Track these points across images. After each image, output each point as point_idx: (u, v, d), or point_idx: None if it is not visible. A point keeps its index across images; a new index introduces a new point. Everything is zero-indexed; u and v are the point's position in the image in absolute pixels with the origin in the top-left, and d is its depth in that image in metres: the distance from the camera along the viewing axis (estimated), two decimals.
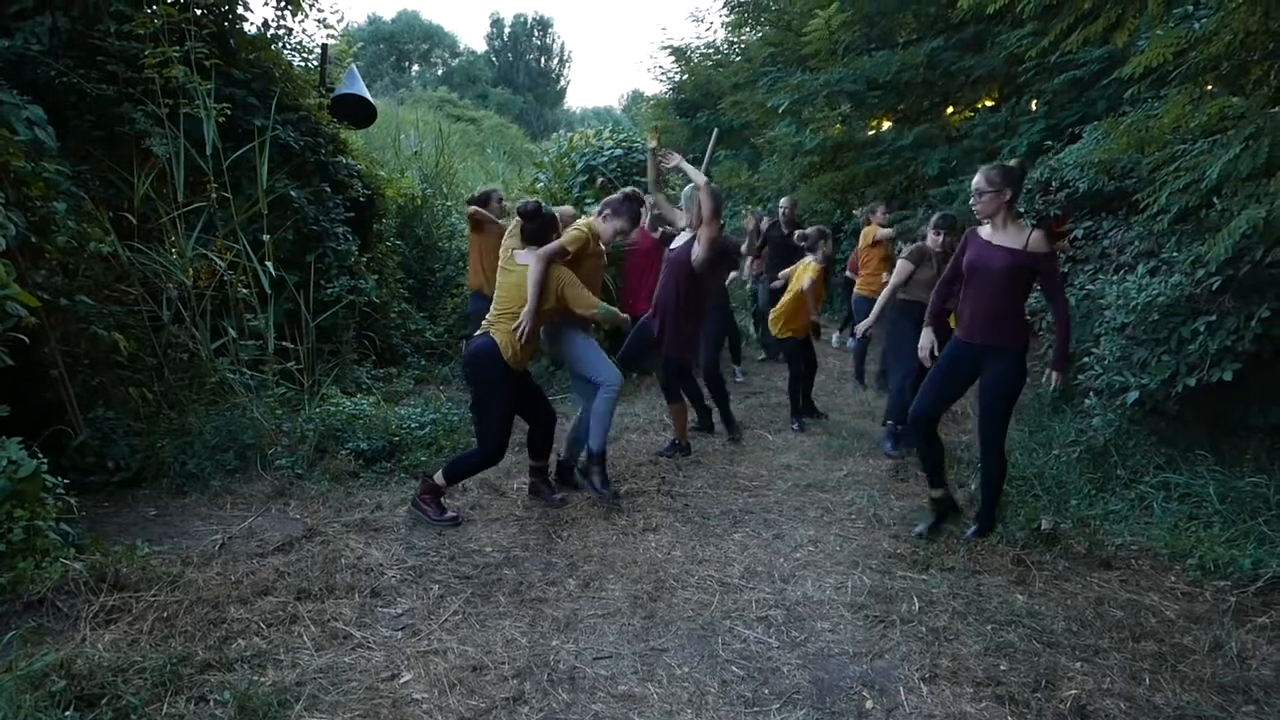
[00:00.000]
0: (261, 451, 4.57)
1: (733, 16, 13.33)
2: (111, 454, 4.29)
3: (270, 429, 4.67)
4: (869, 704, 2.69)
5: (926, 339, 4.10)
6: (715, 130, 8.10)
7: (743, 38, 14.54)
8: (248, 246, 4.87)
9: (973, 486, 4.56)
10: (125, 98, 5.01)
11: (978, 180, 3.77)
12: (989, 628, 3.16)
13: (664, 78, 17.12)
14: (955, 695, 2.74)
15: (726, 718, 2.61)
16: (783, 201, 8.59)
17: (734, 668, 2.89)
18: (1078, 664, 2.93)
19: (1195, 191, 3.70)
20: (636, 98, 30.30)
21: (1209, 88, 3.86)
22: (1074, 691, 2.75)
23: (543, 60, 50.67)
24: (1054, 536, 3.88)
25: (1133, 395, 4.38)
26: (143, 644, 2.78)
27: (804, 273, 6.05)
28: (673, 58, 16.16)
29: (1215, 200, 3.86)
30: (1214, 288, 4.18)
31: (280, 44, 7.24)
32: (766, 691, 2.76)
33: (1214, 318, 4.21)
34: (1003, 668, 2.89)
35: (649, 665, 2.89)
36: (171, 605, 3.05)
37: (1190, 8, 4.69)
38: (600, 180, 7.59)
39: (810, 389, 6.39)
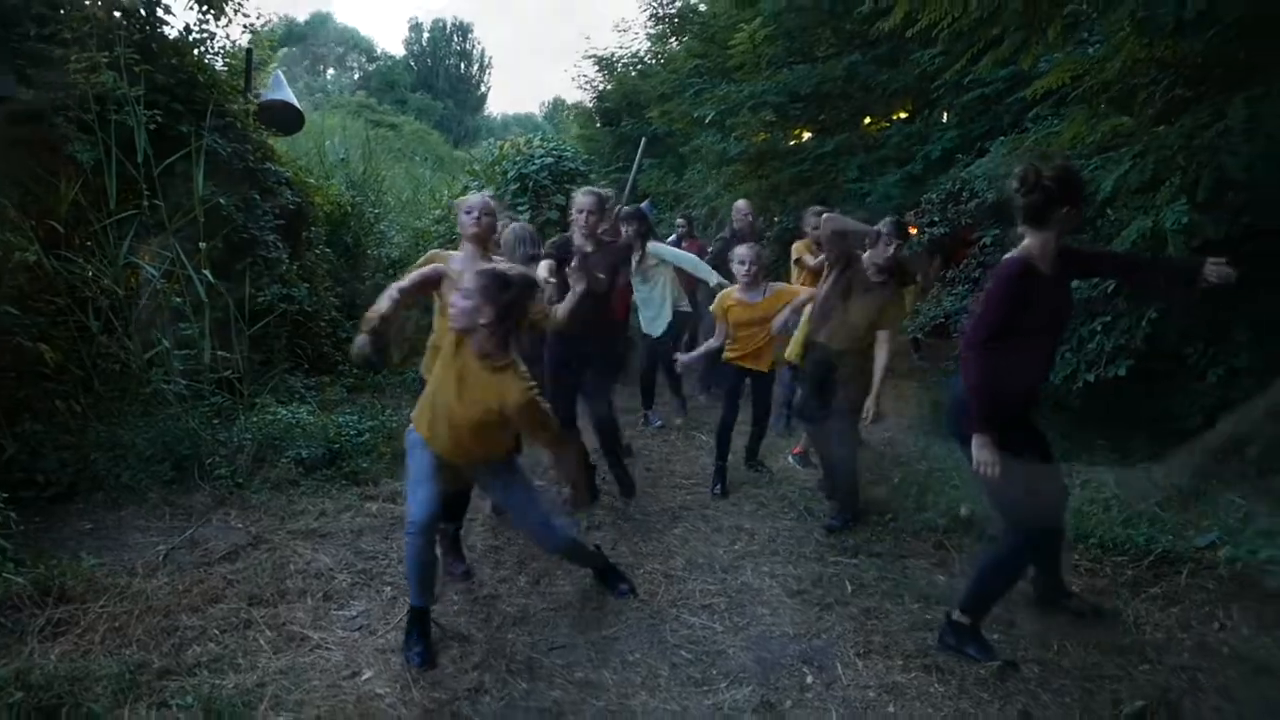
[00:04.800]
0: (199, 462, 4.51)
1: (658, 27, 13.59)
2: (41, 468, 4.17)
3: (207, 439, 4.62)
4: (809, 679, 2.89)
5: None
6: (643, 139, 8.30)
7: (667, 49, 14.80)
8: (182, 255, 4.81)
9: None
10: (47, 103, 4.89)
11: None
12: (915, 606, 3.41)
13: (587, 86, 17.25)
14: (888, 667, 2.97)
15: (679, 698, 2.77)
16: (740, 205, 6.87)
17: (683, 652, 3.06)
18: (996, 635, 3.18)
19: (1090, 203, 4.06)
20: (558, 105, 30.35)
21: (1102, 108, 4.22)
22: (994, 660, 3.00)
23: (463, 66, 50.19)
24: (971, 522, 4.17)
25: None
26: (96, 654, 2.79)
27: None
28: (596, 66, 16.31)
29: (1108, 211, 4.23)
30: (1109, 291, 4.56)
31: (203, 49, 7.10)
32: (714, 672, 2.93)
33: (1109, 318, 4.59)
34: (929, 641, 3.13)
35: (602, 653, 3.03)
36: (121, 615, 3.04)
37: (1086, 34, 5.10)
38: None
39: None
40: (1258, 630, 3.20)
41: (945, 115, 8.37)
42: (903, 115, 9.28)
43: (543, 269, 3.81)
